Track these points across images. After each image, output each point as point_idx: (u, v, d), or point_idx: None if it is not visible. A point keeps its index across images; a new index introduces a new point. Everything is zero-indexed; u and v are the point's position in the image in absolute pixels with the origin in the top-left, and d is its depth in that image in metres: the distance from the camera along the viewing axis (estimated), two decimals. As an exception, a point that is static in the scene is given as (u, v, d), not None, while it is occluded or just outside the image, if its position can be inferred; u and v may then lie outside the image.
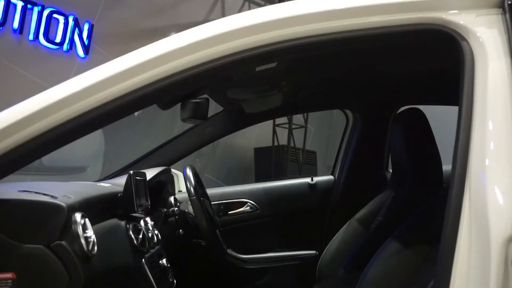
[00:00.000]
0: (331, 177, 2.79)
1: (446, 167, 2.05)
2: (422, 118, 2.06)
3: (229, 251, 2.49)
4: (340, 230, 2.45)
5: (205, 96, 1.43)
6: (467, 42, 1.06)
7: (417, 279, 1.43)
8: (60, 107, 1.07)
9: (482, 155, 0.96)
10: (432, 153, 2.05)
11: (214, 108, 2.50)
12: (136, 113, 5.66)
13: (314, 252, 2.65)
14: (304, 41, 1.12)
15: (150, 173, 2.07)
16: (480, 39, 1.05)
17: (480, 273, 0.87)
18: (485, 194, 0.91)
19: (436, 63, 1.79)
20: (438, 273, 0.94)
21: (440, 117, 2.99)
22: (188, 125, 2.48)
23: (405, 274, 1.46)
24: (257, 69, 1.42)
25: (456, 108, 1.09)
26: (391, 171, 2.55)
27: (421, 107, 2.17)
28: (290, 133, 6.91)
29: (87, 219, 1.29)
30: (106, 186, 1.80)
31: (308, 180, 2.77)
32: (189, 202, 2.09)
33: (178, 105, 1.39)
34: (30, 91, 1.15)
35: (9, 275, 1.15)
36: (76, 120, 1.06)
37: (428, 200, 1.61)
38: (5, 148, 1.04)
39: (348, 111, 2.75)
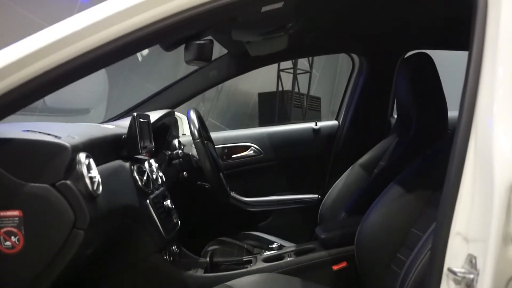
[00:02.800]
0: (335, 122, 2.79)
1: (452, 113, 2.04)
2: (429, 63, 2.02)
3: (233, 194, 2.52)
4: (343, 175, 2.47)
5: (209, 37, 1.40)
6: (481, -18, 1.02)
7: (418, 222, 1.44)
8: (62, 45, 1.04)
9: (490, 101, 0.94)
10: (438, 98, 2.03)
11: (218, 51, 2.47)
12: (140, 57, 5.60)
13: (316, 196, 2.68)
14: None
15: (154, 116, 2.07)
16: (495, -21, 1.01)
17: (482, 218, 0.88)
18: (491, 140, 0.90)
19: (447, 6, 1.74)
20: (440, 217, 0.95)
21: (448, 63, 2.94)
22: (192, 69, 2.46)
23: (406, 218, 1.48)
24: (263, 9, 1.38)
25: (465, 53, 1.06)
26: (395, 116, 2.54)
27: (429, 52, 2.13)
28: (295, 78, 6.84)
29: (91, 159, 1.30)
30: (110, 128, 1.79)
31: (312, 125, 2.76)
32: (193, 145, 2.10)
33: (182, 48, 1.36)
34: (31, 31, 1.13)
35: (16, 212, 1.17)
36: (80, 58, 1.05)
37: (432, 146, 1.60)
38: (6, 87, 1.03)
39: (354, 55, 2.71)
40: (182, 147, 2.35)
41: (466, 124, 0.96)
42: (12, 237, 1.17)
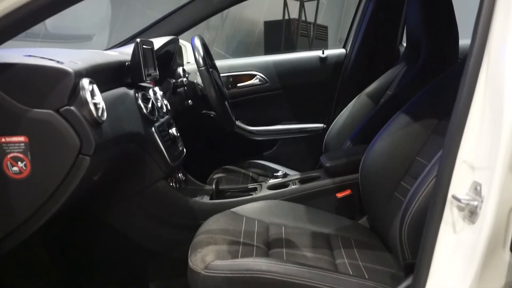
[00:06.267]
0: (342, 50, 2.73)
1: (463, 41, 1.99)
2: (442, -12, 1.95)
3: (238, 122, 2.52)
4: (349, 104, 2.46)
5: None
6: None
7: (423, 151, 1.44)
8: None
9: (505, 28, 0.90)
10: (449, 25, 1.98)
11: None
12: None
13: (322, 125, 2.68)
14: None
15: (157, 43, 2.03)
16: None
17: (489, 146, 0.87)
18: (503, 69, 0.88)
19: None
20: (447, 145, 0.94)
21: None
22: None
23: (411, 147, 1.47)
24: None
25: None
26: (404, 45, 2.49)
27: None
28: (302, 6, 6.65)
29: (95, 86, 1.28)
30: (114, 54, 1.76)
31: (319, 53, 2.72)
32: (198, 73, 2.07)
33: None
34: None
35: (21, 138, 1.17)
36: None
37: (441, 74, 1.57)
38: (5, 9, 1.00)
39: (364, -20, 2.62)
40: (186, 75, 2.32)
41: (479, 51, 0.93)
42: (19, 163, 1.18)
